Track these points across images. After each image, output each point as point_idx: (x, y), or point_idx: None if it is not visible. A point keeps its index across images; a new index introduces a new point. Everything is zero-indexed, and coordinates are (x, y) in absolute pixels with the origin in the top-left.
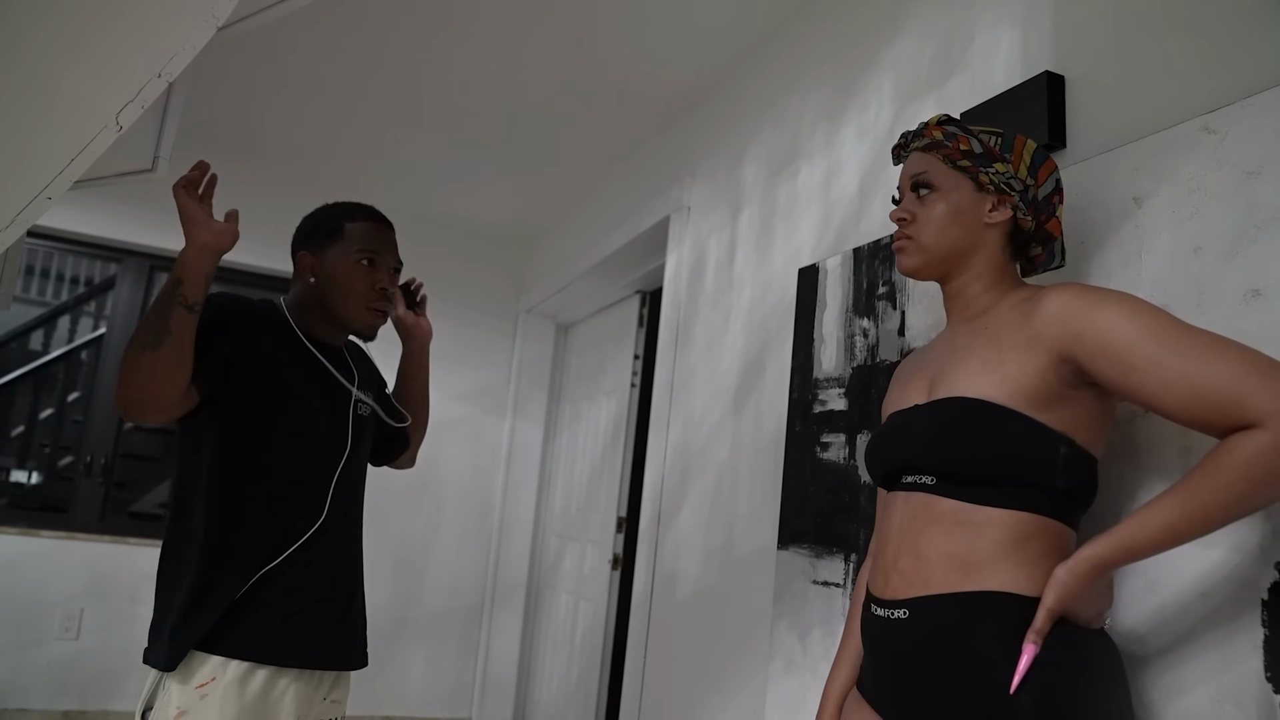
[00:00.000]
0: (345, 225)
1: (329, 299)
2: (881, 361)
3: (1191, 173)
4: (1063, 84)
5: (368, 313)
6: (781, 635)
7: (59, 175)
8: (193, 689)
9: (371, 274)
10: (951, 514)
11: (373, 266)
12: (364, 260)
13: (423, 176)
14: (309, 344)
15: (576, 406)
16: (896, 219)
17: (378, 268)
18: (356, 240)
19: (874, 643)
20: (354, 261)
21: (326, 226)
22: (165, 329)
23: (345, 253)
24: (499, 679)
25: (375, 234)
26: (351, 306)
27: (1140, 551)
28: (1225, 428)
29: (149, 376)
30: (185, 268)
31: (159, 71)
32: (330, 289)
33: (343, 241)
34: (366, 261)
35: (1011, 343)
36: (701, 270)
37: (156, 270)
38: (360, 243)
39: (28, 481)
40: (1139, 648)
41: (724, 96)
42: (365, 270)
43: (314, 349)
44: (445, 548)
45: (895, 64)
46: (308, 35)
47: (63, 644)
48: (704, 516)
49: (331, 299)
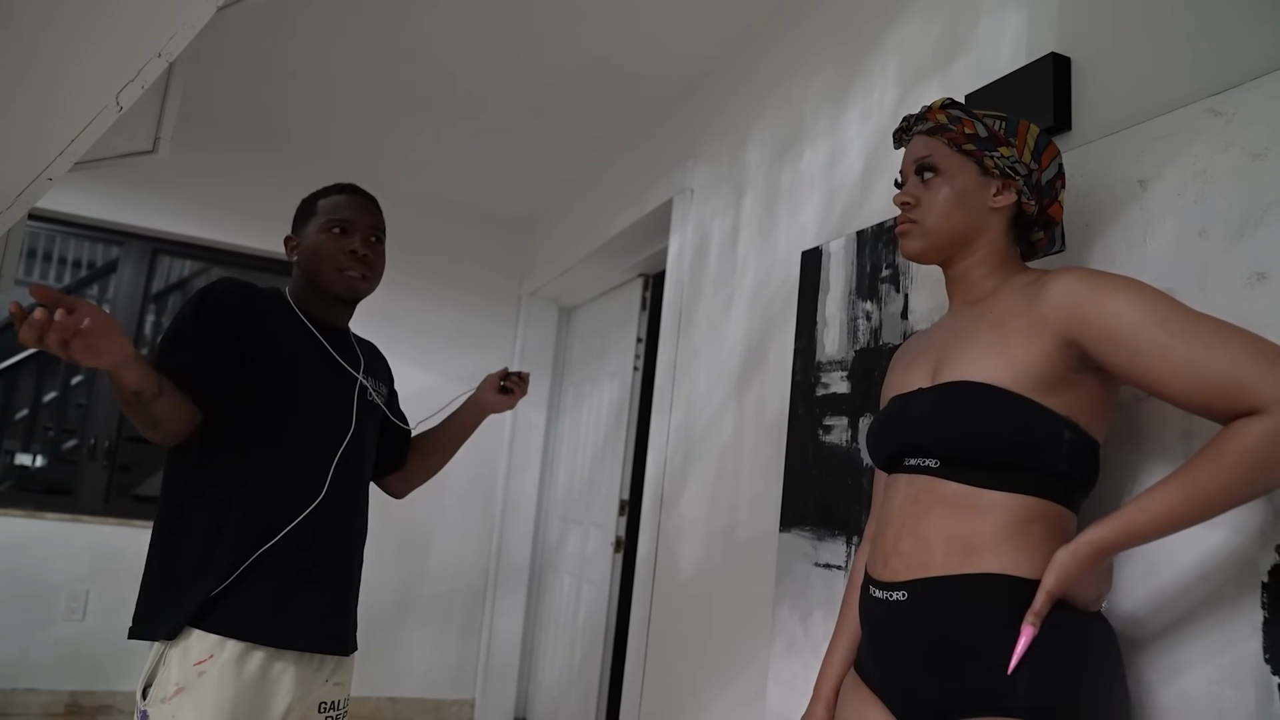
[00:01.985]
0: (318, 202)
1: (310, 271)
2: (885, 344)
3: (1197, 155)
4: (1068, 66)
5: (340, 276)
6: (783, 617)
7: (59, 156)
8: (191, 666)
9: (342, 240)
10: (954, 497)
11: (344, 234)
12: (334, 229)
13: (425, 159)
14: (311, 325)
15: (579, 389)
16: (900, 203)
17: (347, 234)
18: (327, 212)
19: (872, 624)
20: (323, 231)
21: (304, 208)
22: (150, 417)
23: (316, 225)
24: (502, 661)
25: (346, 204)
26: (325, 271)
27: (1142, 536)
28: (1228, 413)
29: (159, 439)
30: (118, 384)
31: (159, 51)
32: (309, 262)
33: (315, 216)
34: (338, 230)
35: (1016, 326)
36: (705, 253)
37: (159, 253)
38: (330, 213)
39: (33, 464)
40: (1137, 630)
41: (727, 79)
42: (336, 237)
43: (316, 330)
44: (448, 530)
45: (900, 46)
46: (308, 16)
47: (69, 625)
48: (706, 499)
49: (311, 270)
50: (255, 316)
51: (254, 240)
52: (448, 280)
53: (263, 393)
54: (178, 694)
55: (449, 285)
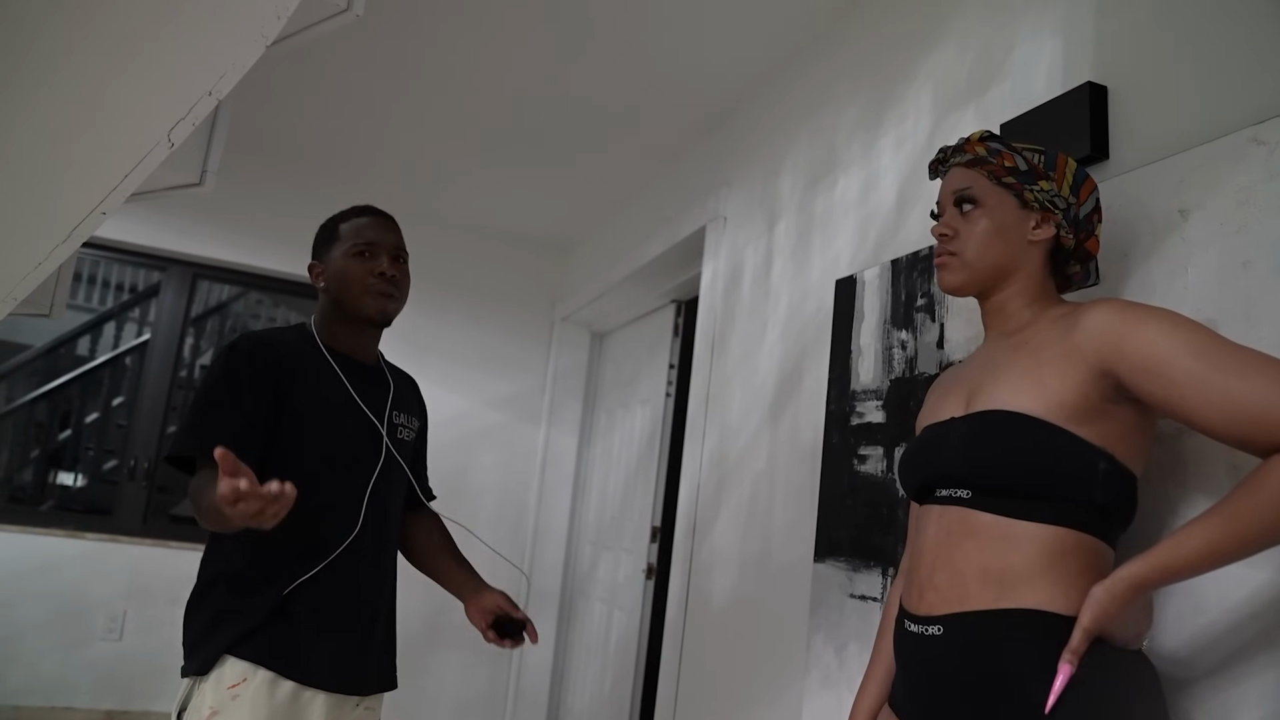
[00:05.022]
0: (339, 226)
1: (338, 297)
2: (920, 374)
3: (1240, 185)
4: (1105, 95)
5: (370, 297)
6: (818, 649)
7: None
8: (224, 690)
9: (368, 263)
10: (987, 528)
11: (369, 256)
12: (359, 251)
13: (462, 185)
14: (338, 359)
15: (611, 415)
16: (939, 234)
17: (374, 255)
18: (351, 236)
19: (908, 659)
20: (350, 255)
21: (326, 233)
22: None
23: (342, 249)
24: (532, 688)
25: (368, 226)
26: (355, 295)
27: (1179, 572)
28: (1267, 447)
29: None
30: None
31: (209, 90)
32: (337, 287)
33: (339, 241)
34: (363, 252)
35: (1051, 356)
36: (738, 280)
37: (199, 278)
38: (354, 237)
39: (74, 484)
40: (1182, 670)
41: (760, 106)
42: (363, 260)
43: (343, 364)
44: (479, 555)
45: (934, 74)
46: (350, 47)
47: (106, 644)
48: (739, 527)
49: (339, 296)
50: (282, 372)
51: (291, 265)
52: (481, 304)
53: (293, 439)
54: (212, 716)
55: (482, 309)
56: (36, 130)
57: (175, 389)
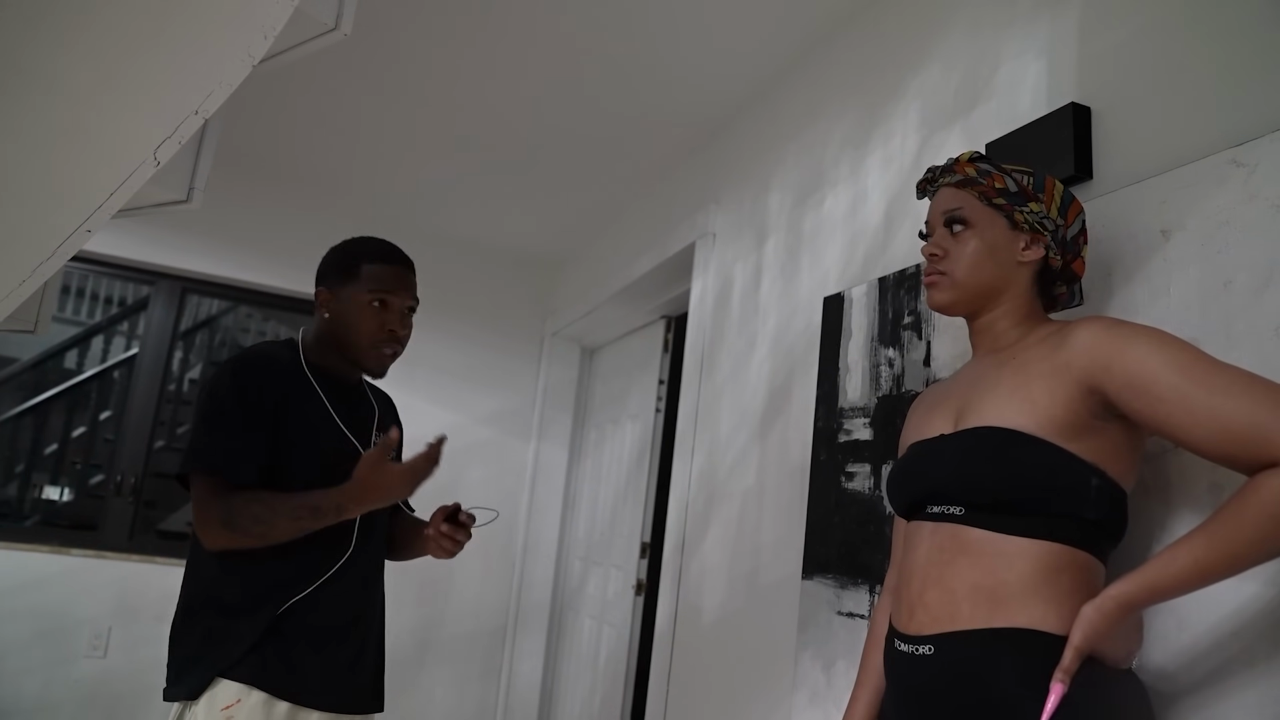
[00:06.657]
0: (362, 266)
1: (341, 336)
2: (907, 392)
3: (1220, 206)
4: (1089, 115)
5: (375, 353)
6: (806, 666)
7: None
8: (218, 711)
9: (383, 315)
10: (979, 545)
11: (384, 308)
12: (375, 302)
13: (451, 201)
14: (322, 381)
15: (601, 430)
16: (929, 254)
17: (389, 309)
18: (371, 281)
19: (898, 679)
20: (366, 303)
21: (345, 265)
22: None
23: (359, 293)
24: (522, 703)
25: (390, 276)
26: (361, 346)
27: (1168, 591)
28: (1252, 464)
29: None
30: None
31: (196, 108)
32: (342, 327)
33: (357, 282)
34: (378, 303)
35: (1040, 373)
36: (727, 297)
37: (188, 292)
38: (374, 284)
39: (60, 499)
40: (1169, 686)
41: (748, 124)
42: (376, 311)
43: (327, 387)
44: (469, 571)
45: (920, 93)
46: (337, 66)
47: (90, 662)
48: (728, 543)
49: (343, 336)
50: (279, 395)
51: (281, 280)
52: (471, 319)
53: (286, 454)
54: None
55: (472, 324)
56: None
57: (164, 403)
